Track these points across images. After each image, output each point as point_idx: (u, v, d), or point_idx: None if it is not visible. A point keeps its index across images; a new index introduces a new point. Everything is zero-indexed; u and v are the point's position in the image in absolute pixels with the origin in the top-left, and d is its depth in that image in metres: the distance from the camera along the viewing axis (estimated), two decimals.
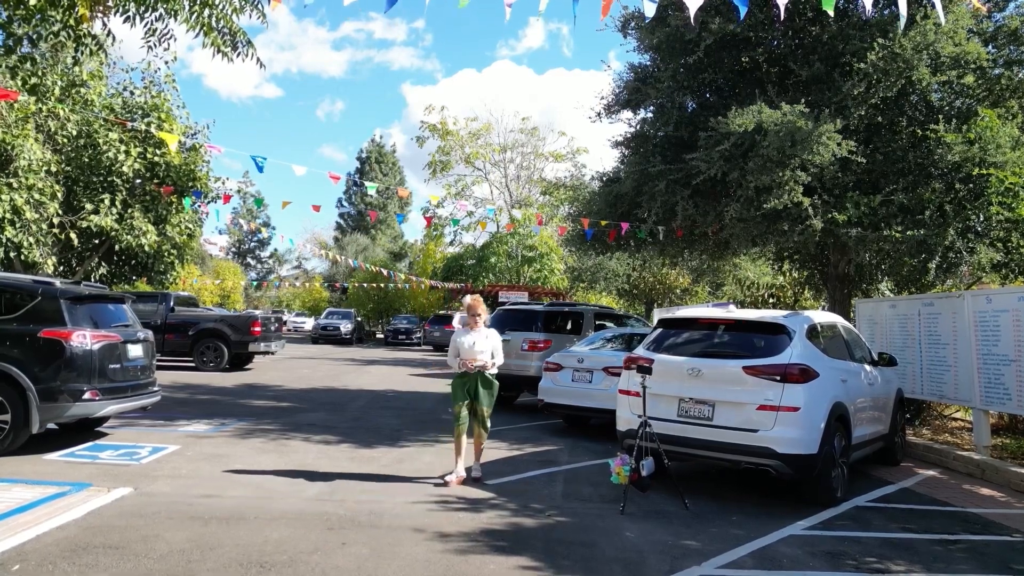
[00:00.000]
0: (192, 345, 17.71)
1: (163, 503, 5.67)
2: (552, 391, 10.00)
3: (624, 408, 6.94)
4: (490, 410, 7.03)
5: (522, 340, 11.99)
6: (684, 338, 7.00)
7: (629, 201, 11.81)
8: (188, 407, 11.19)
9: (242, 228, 72.58)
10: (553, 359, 10.19)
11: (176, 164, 11.51)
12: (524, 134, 41.55)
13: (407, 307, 43.68)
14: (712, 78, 10.99)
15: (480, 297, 7.45)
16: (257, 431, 9.15)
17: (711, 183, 10.43)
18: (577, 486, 6.88)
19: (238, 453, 7.73)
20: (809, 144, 9.04)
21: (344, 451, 8.12)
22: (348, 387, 15.40)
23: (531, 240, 35.03)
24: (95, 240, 11.65)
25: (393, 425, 10.21)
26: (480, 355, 6.87)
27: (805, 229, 9.74)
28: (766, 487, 6.96)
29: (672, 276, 23.61)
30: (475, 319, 7.08)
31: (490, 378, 6.99)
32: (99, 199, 10.93)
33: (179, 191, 11.93)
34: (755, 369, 6.19)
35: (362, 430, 9.62)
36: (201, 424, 9.50)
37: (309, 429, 9.48)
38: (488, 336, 7.06)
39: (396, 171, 76.06)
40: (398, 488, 6.51)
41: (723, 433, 6.18)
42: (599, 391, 9.44)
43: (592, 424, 10.43)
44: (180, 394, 12.90)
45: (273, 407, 11.74)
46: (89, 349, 7.18)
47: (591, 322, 12.87)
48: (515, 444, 8.98)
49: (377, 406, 12.41)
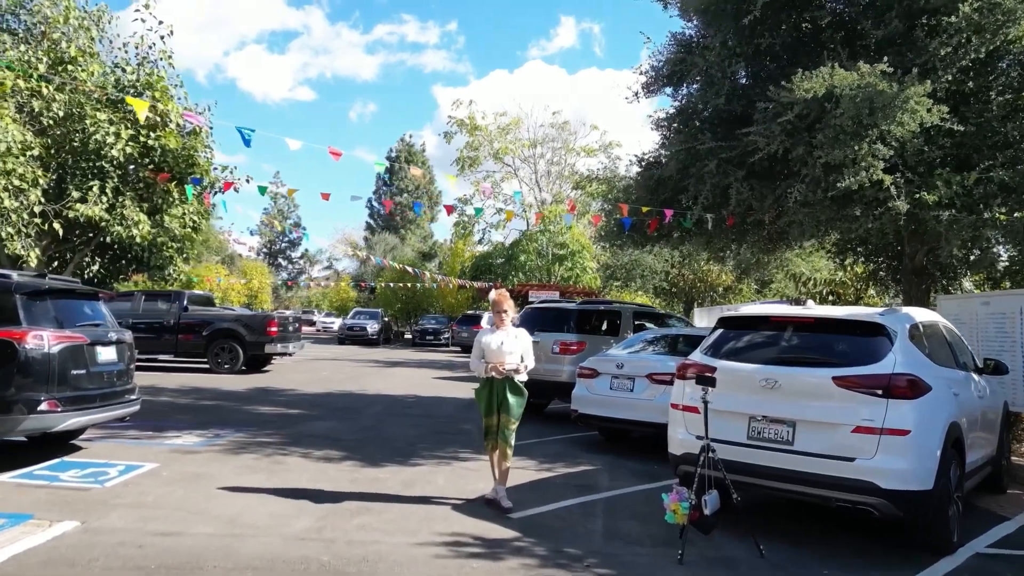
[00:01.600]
0: (206, 346, 16.86)
1: (108, 544, 4.58)
2: (587, 400, 8.75)
3: (678, 427, 5.67)
4: (517, 423, 5.89)
5: (553, 342, 10.75)
6: (752, 341, 5.71)
7: (673, 186, 10.50)
8: (186, 414, 10.20)
9: (272, 228, 72.66)
10: (588, 364, 8.94)
11: (173, 149, 10.51)
12: (555, 128, 40.21)
13: (435, 307, 42.71)
14: (769, 43, 9.61)
15: (506, 292, 6.32)
16: (252, 445, 8.08)
17: (770, 162, 9.09)
18: (621, 521, 5.65)
19: (223, 473, 6.65)
20: (892, 111, 7.66)
21: (346, 470, 7.00)
22: (366, 391, 14.34)
23: (562, 237, 33.72)
24: (84, 232, 10.73)
25: (407, 437, 9.07)
26: (508, 357, 5.80)
27: (884, 213, 8.34)
28: (861, 527, 5.64)
29: (714, 273, 22.09)
30: (501, 316, 5.97)
31: (519, 385, 5.87)
32: (87, 186, 9.99)
33: (177, 178, 10.94)
34: (849, 380, 4.88)
35: (372, 443, 8.50)
36: (192, 435, 8.47)
37: (312, 442, 8.39)
38: (518, 336, 5.97)
39: (426, 171, 75.49)
40: (402, 522, 5.35)
41: (807, 461, 4.89)
42: (642, 401, 8.17)
43: (633, 437, 9.18)
44: (183, 399, 11.96)
45: (280, 414, 10.70)
46: (47, 352, 6.15)
47: (630, 322, 11.57)
48: (545, 462, 7.76)
49: (393, 413, 11.30)
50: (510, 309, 6.06)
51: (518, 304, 18.45)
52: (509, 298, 6.15)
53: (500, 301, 6.02)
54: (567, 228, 34.27)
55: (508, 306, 6.03)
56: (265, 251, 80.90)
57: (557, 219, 32.12)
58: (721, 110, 9.94)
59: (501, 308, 5.98)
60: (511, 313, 6.08)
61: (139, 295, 17.26)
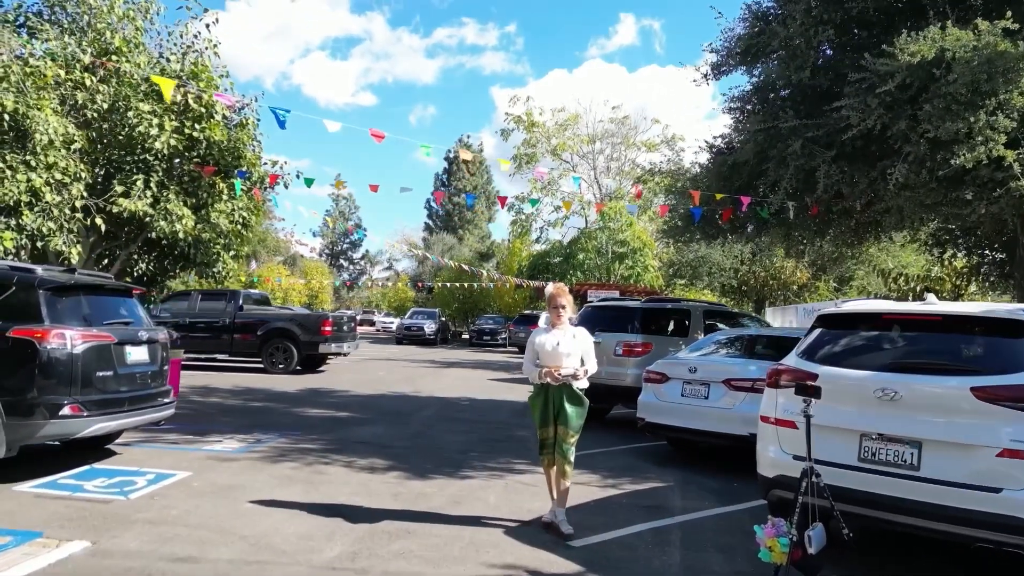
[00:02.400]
0: (261, 346, 16.69)
1: (114, 571, 4.05)
2: (655, 408, 7.89)
3: (770, 444, 4.80)
4: (577, 436, 5.15)
5: (615, 343, 9.92)
6: (862, 343, 4.79)
7: (749, 172, 9.54)
8: (231, 416, 9.83)
9: (331, 228, 73.70)
10: (656, 368, 8.08)
11: (219, 141, 10.16)
12: (614, 124, 39.17)
13: (493, 307, 42.22)
14: (860, 7, 8.56)
15: (564, 286, 5.57)
16: (294, 451, 7.56)
17: (863, 140, 8.07)
18: (700, 553, 4.82)
19: (257, 484, 6.12)
20: (1016, 76, 6.56)
21: (390, 483, 6.37)
22: (419, 393, 13.81)
23: (622, 235, 32.65)
24: (128, 228, 10.50)
25: (458, 444, 8.42)
26: (566, 360, 5.08)
27: (1002, 196, 7.21)
28: (1003, 566, 4.66)
29: (788, 270, 20.68)
30: (558, 313, 5.25)
31: (579, 393, 5.14)
32: (131, 180, 9.73)
33: (223, 172, 10.60)
34: (994, 392, 3.94)
35: (420, 451, 7.88)
36: (233, 440, 8.02)
37: (356, 449, 7.82)
38: (576, 336, 5.23)
39: (483, 171, 75.26)
40: (447, 548, 4.67)
41: (938, 491, 3.97)
42: (718, 410, 7.28)
43: (706, 449, 8.28)
44: (233, 400, 11.65)
45: (328, 417, 10.23)
46: (71, 352, 5.73)
47: (700, 322, 10.62)
48: (609, 477, 6.97)
49: (445, 417, 10.68)
50: (568, 305, 5.32)
51: (576, 303, 17.44)
52: (567, 292, 5.41)
53: (557, 295, 5.29)
54: (628, 225, 33.14)
55: (566, 301, 5.29)
56: (327, 252, 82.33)
57: (617, 216, 31.07)
58: (805, 85, 8.94)
59: (558, 303, 5.25)
60: (569, 310, 5.34)
61: (196, 294, 17.24)
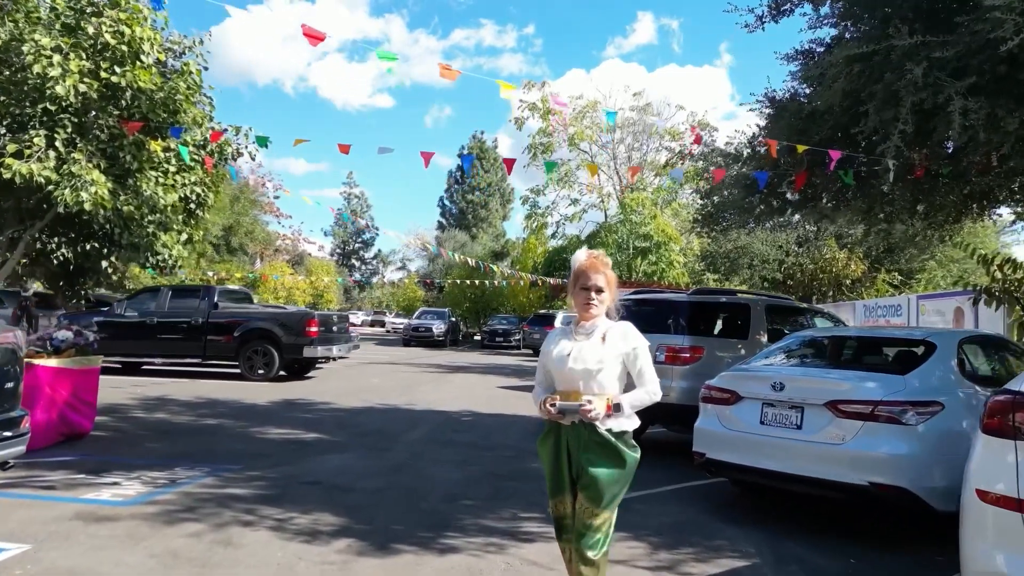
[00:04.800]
0: (238, 349, 14.60)
1: None
2: (721, 439, 5.61)
3: (990, 540, 2.54)
4: (609, 515, 2.98)
5: (655, 347, 7.65)
6: None
7: (832, 123, 7.23)
8: (163, 441, 7.68)
9: (341, 224, 71.90)
10: (722, 383, 5.79)
11: (148, 90, 7.95)
12: (635, 111, 36.82)
13: (506, 306, 40.00)
14: None
15: (604, 256, 3.28)
16: (212, 501, 5.37)
17: (1009, 64, 5.74)
18: None
19: (117, 573, 3.94)
20: None
21: (332, 563, 4.17)
22: (414, 405, 11.61)
23: (645, 228, 30.26)
24: (25, 198, 8.35)
25: (448, 485, 6.20)
26: (588, 380, 2.95)
27: None
28: None
29: (840, 261, 18.13)
30: (589, 299, 3.05)
31: (613, 441, 2.95)
32: (26, 137, 7.59)
33: (154, 131, 8.41)
34: None
35: (393, 498, 5.68)
36: (137, 482, 5.86)
37: (304, 495, 5.63)
38: (610, 338, 3.03)
39: (498, 167, 73.28)
40: None
41: None
42: (820, 446, 4.99)
43: (796, 493, 5.99)
44: (183, 416, 9.53)
45: (289, 441, 8.07)
46: None
47: (761, 320, 8.30)
48: (660, 544, 4.72)
49: (439, 440, 8.47)
50: (608, 287, 3.09)
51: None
52: (608, 266, 3.17)
53: (590, 269, 3.08)
54: (651, 218, 30.68)
55: (604, 280, 3.08)
56: (339, 252, 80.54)
57: (639, 207, 28.70)
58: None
59: (592, 282, 3.05)
60: (609, 296, 3.11)
61: (165, 291, 15.23)
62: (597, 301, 3.04)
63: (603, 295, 3.05)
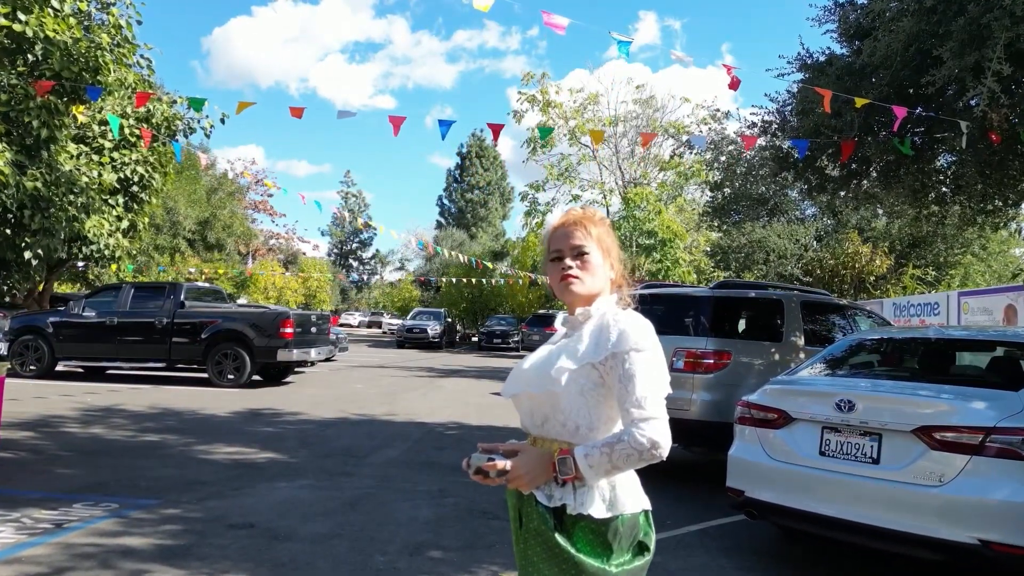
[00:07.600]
0: (205, 352, 13.31)
1: None
2: (765, 473, 4.30)
3: None
4: None
5: (671, 351, 6.35)
6: None
7: (891, 76, 5.92)
8: (79, 465, 6.38)
9: (336, 222, 70.60)
10: (765, 399, 4.47)
11: (60, 42, 6.63)
12: (638, 104, 35.52)
13: (505, 306, 38.69)
14: None
15: (590, 209, 1.91)
16: (95, 557, 4.07)
17: None
18: None
19: None
20: None
21: None
22: (394, 416, 10.33)
23: (649, 224, 28.95)
24: None
25: (415, 526, 4.91)
26: (544, 410, 1.68)
27: None
28: None
29: (864, 255, 16.74)
30: (566, 270, 1.73)
31: (558, 542, 1.61)
32: None
33: (70, 92, 7.13)
34: None
35: (342, 548, 4.38)
36: (10, 527, 4.56)
37: (226, 546, 4.33)
38: (595, 335, 1.68)
39: (498, 166, 72.11)
40: None
41: None
42: (907, 488, 3.68)
43: (848, 543, 4.68)
44: (123, 430, 8.26)
45: (234, 463, 6.76)
46: None
47: (797, 318, 6.96)
48: None
49: (415, 461, 7.18)
50: (600, 248, 1.77)
51: None
52: (597, 222, 1.80)
53: (564, 226, 1.77)
54: (656, 213, 29.37)
55: (589, 239, 1.74)
56: (336, 252, 79.24)
57: (643, 203, 27.39)
58: None
59: (566, 243, 1.74)
60: (606, 264, 1.76)
61: (127, 288, 13.93)
62: (579, 271, 1.71)
63: (589, 261, 1.72)
